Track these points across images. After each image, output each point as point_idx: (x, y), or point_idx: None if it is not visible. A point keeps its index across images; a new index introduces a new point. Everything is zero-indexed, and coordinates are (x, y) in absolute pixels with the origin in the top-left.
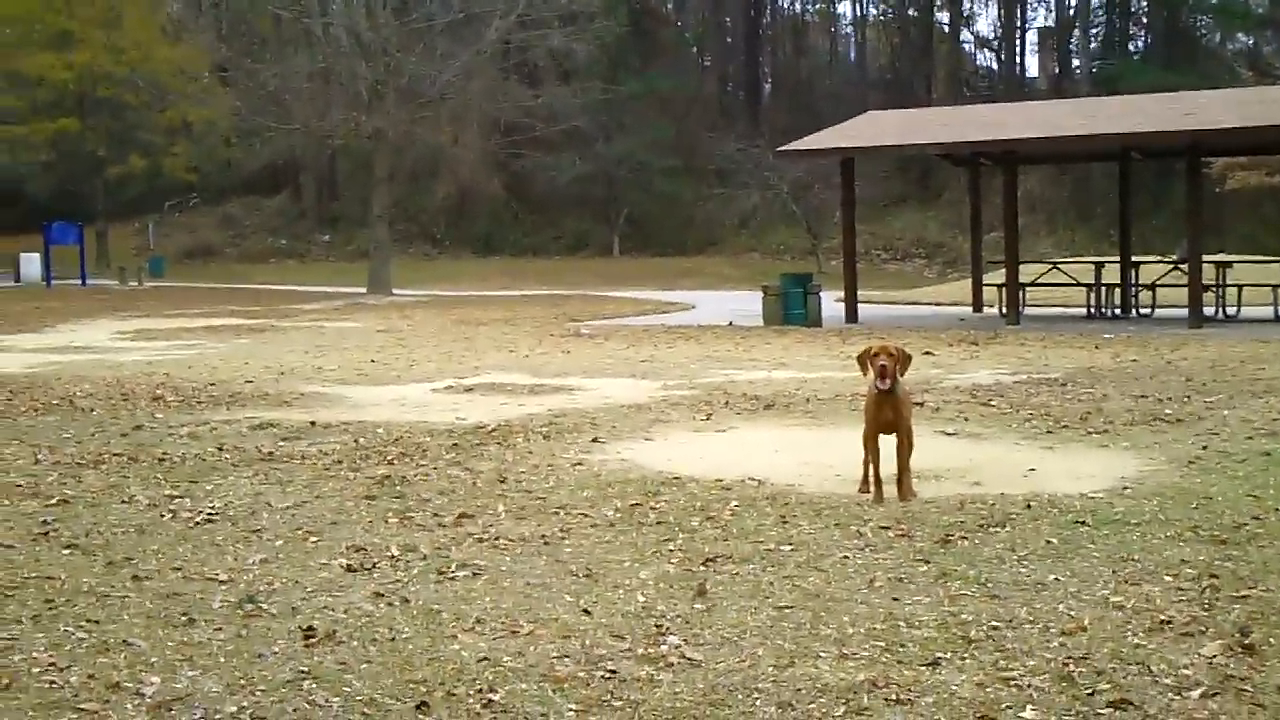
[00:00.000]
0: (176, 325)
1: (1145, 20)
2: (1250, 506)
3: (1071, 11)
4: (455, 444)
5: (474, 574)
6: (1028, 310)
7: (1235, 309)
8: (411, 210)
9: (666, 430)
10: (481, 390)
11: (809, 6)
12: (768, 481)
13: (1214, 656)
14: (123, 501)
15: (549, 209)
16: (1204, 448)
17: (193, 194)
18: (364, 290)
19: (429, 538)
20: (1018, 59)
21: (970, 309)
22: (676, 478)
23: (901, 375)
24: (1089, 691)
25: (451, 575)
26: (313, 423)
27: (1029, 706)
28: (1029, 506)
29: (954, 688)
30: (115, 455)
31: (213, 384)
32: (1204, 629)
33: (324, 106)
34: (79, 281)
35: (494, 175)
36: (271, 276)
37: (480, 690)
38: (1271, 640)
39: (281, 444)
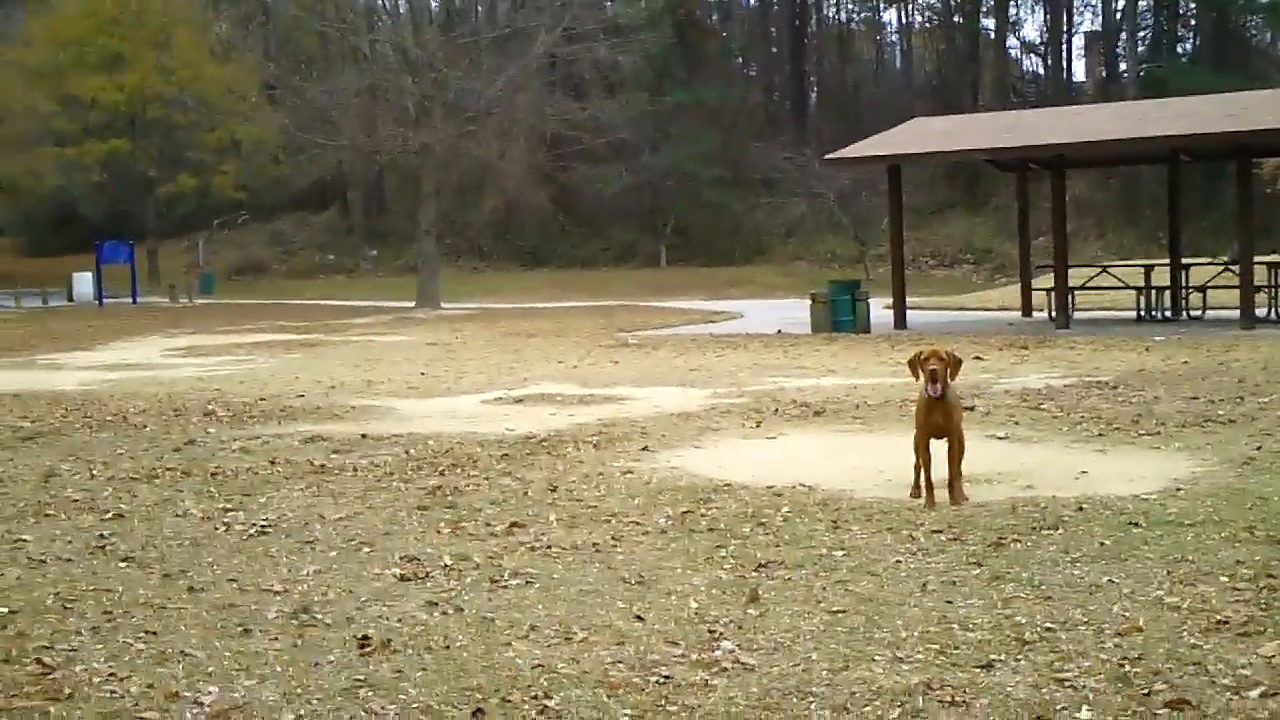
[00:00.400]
0: (227, 341)
1: (1193, 22)
2: None
3: (1119, 15)
4: (506, 454)
5: (527, 582)
6: (1077, 314)
7: None
8: (459, 224)
9: (716, 438)
10: (531, 401)
11: (854, 15)
12: (818, 487)
13: (1272, 656)
14: (177, 515)
15: (596, 221)
16: (1258, 448)
17: (242, 211)
18: (412, 304)
19: (481, 547)
20: (1064, 63)
21: (1019, 313)
22: (727, 485)
23: (952, 380)
24: (1145, 692)
25: (504, 584)
26: (364, 435)
27: (1084, 707)
28: (1081, 509)
29: (1009, 689)
30: (168, 470)
31: (263, 399)
32: (1261, 629)
33: (371, 123)
34: (130, 300)
35: (541, 188)
36: (320, 292)
37: (535, 697)
38: None
39: (333, 456)
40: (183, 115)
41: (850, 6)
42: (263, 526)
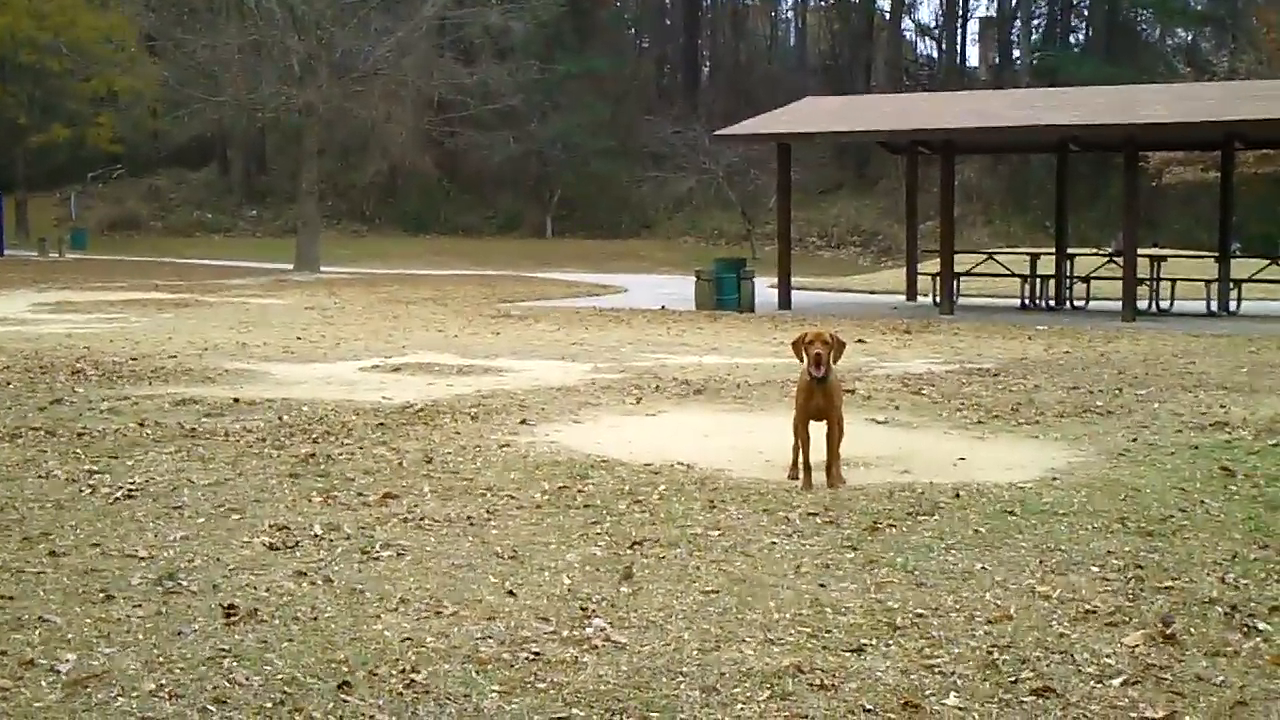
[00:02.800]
0: (98, 298)
1: (1086, 13)
2: (1177, 499)
3: (1014, 2)
4: (381, 423)
5: (398, 554)
6: (962, 300)
7: (1169, 303)
8: (341, 186)
9: (596, 413)
10: (409, 370)
11: None
12: (696, 466)
13: (1136, 646)
14: (40, 476)
15: (481, 188)
16: (1134, 440)
17: (117, 165)
18: (291, 266)
19: (353, 517)
20: (959, 48)
21: (904, 297)
22: (605, 461)
23: (835, 363)
24: (1012, 679)
25: (375, 555)
26: (236, 400)
27: (952, 694)
28: (958, 495)
29: (878, 674)
30: (32, 429)
31: (134, 359)
32: (1127, 619)
33: (254, 79)
34: None
35: (426, 153)
36: (197, 251)
37: (403, 670)
38: (1192, 630)
39: (204, 420)
40: (56, 62)
41: None
42: (129, 490)
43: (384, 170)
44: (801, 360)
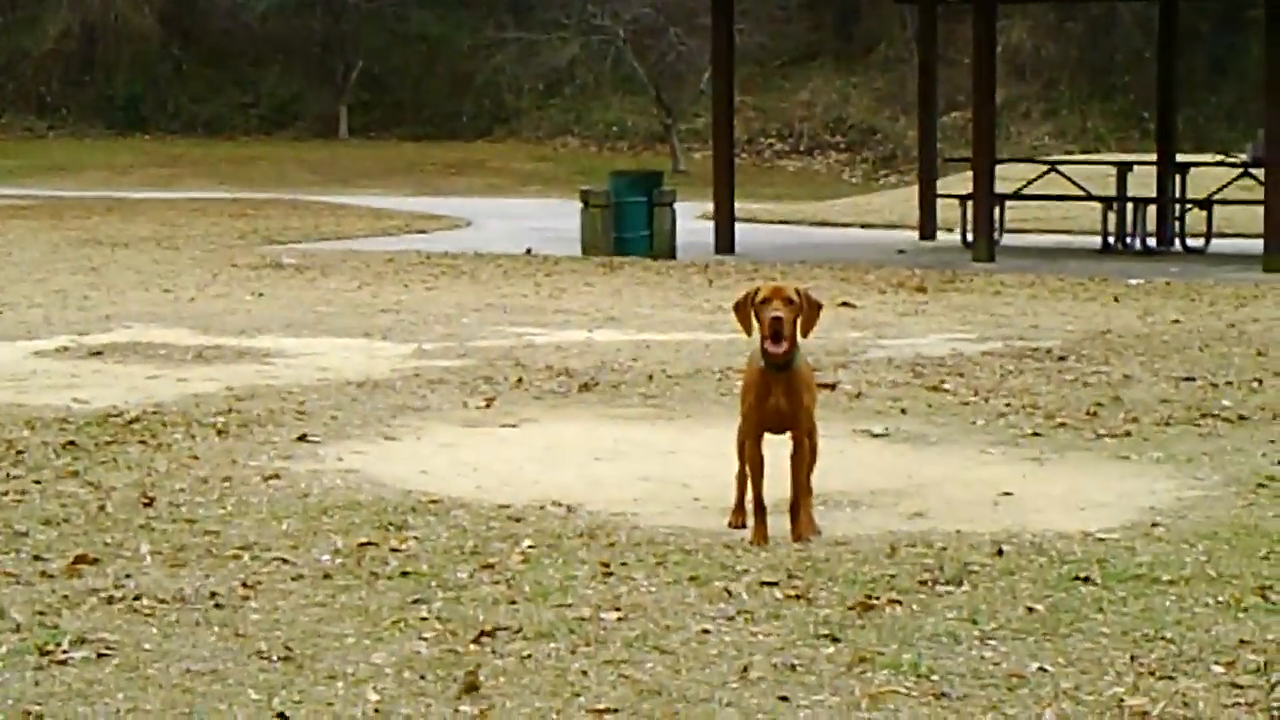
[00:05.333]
0: None
1: None
2: None
3: None
4: (72, 442)
5: (99, 655)
6: (1009, 238)
7: None
8: (6, 58)
9: (421, 424)
10: (117, 354)
11: None
12: (582, 507)
13: None
14: None
15: (233, 61)
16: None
17: None
18: None
19: (26, 596)
20: None
21: (915, 234)
22: (434, 501)
23: (805, 336)
24: None
25: (62, 657)
26: None
27: None
28: (1000, 553)
29: None
30: None
31: None
32: None
33: None
34: None
35: (142, 3)
36: None
37: None
38: None
39: None
40: None
41: None
42: None
43: (75, 31)
44: (750, 333)
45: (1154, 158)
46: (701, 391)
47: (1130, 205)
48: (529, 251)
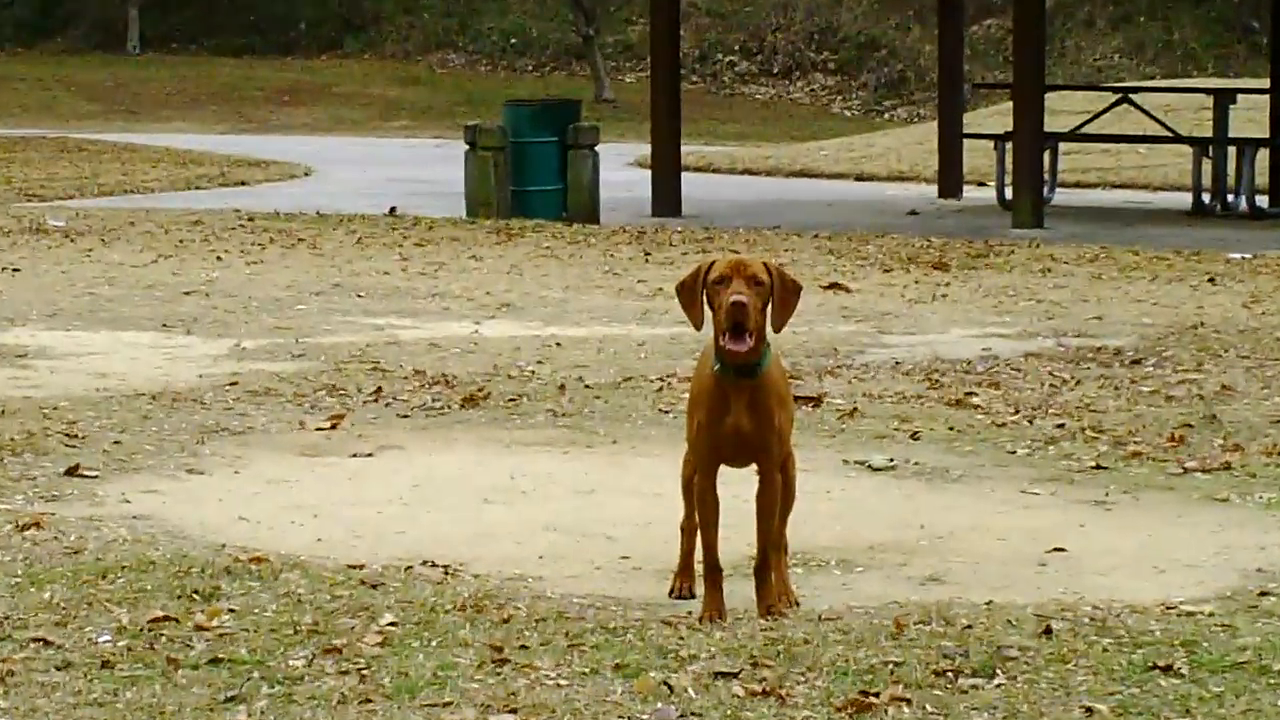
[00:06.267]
0: None
1: None
2: None
3: None
4: None
5: None
6: (1063, 195)
7: None
8: None
9: (240, 451)
10: None
11: None
12: (466, 569)
13: None
14: None
15: None
16: None
17: None
18: None
19: None
20: None
21: (933, 190)
22: (259, 559)
23: (777, 330)
24: None
25: None
26: None
27: None
28: (1049, 633)
29: None
30: None
31: None
32: None
33: None
34: None
35: None
36: None
37: None
38: None
39: None
40: None
41: None
42: None
43: None
44: (701, 325)
45: (1266, 84)
46: (632, 407)
47: (1233, 150)
48: (393, 211)
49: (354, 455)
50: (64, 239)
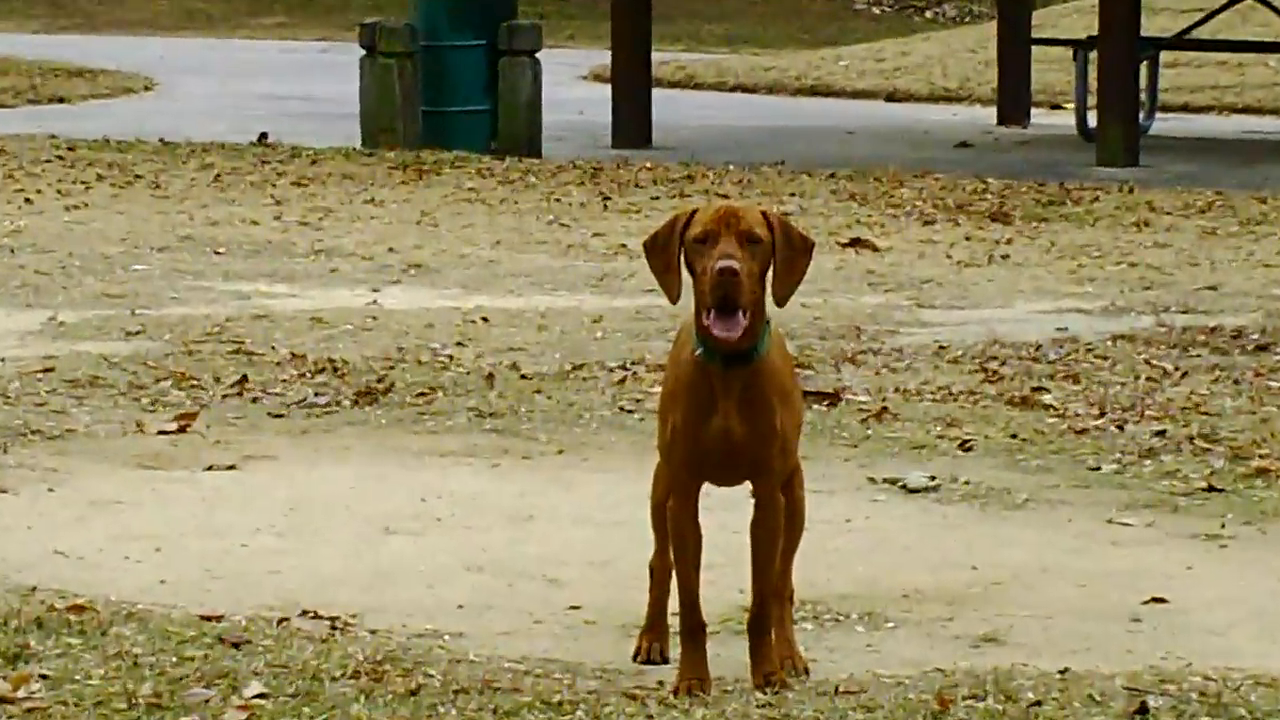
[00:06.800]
0: None
1: None
2: None
3: None
4: None
5: None
6: (1164, 123)
7: None
8: None
9: (55, 461)
10: None
11: None
12: (360, 621)
13: None
14: None
15: None
16: None
17: None
18: None
19: None
20: None
21: (991, 115)
22: (81, 607)
23: (780, 303)
24: None
25: None
26: None
27: None
28: (1143, 711)
29: None
30: None
31: None
32: None
33: None
34: None
35: None
36: None
37: None
38: None
39: None
40: None
41: None
42: None
43: None
44: (678, 296)
45: None
46: (585, 405)
47: None
48: (263, 139)
49: (210, 468)
50: None
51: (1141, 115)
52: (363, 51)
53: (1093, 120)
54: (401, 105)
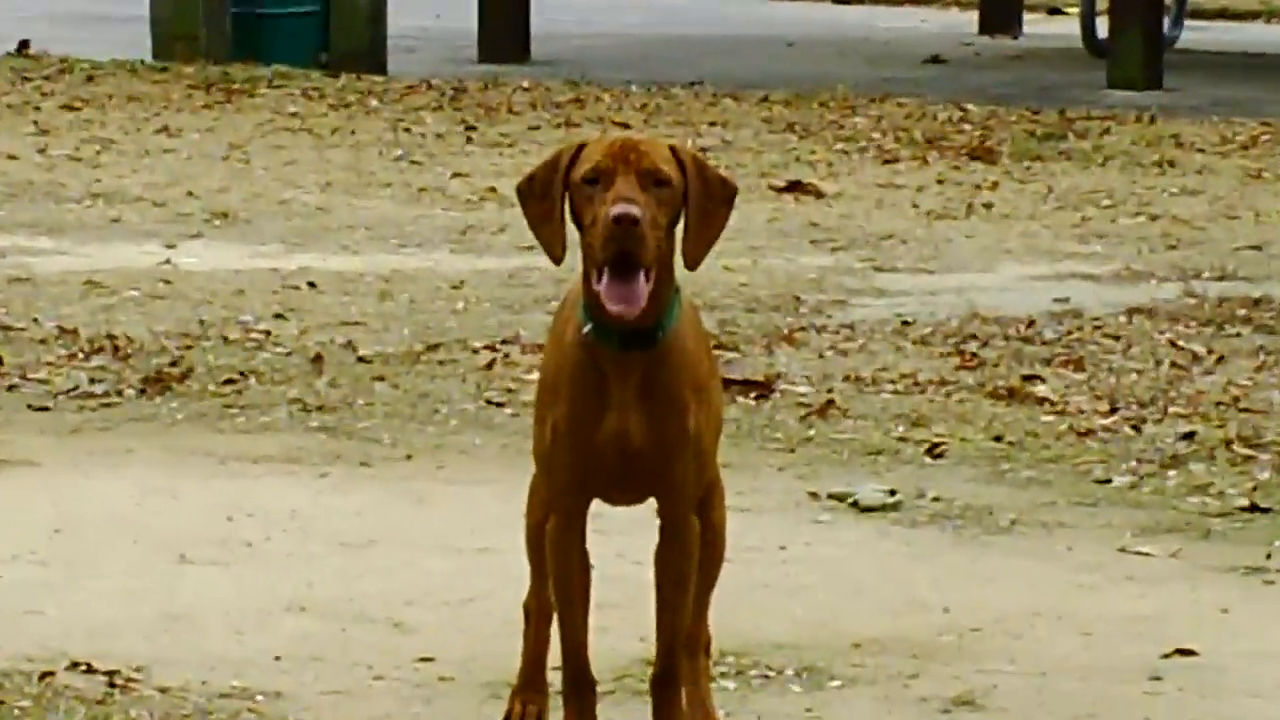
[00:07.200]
0: None
1: None
2: None
3: None
4: None
5: None
6: (1192, 33)
7: None
8: None
9: None
10: None
11: None
12: (147, 677)
13: None
14: None
15: None
16: None
17: None
18: None
19: None
20: None
21: (972, 20)
22: None
23: (692, 265)
24: None
25: None
26: None
27: None
28: None
29: None
30: None
31: None
32: None
33: None
34: None
35: None
36: None
37: None
38: None
39: None
40: None
41: None
42: None
43: None
44: (562, 255)
45: None
46: (441, 397)
47: None
48: (24, 48)
49: None
50: None
51: (1167, 22)
52: None
53: (1103, 29)
54: (205, 5)
